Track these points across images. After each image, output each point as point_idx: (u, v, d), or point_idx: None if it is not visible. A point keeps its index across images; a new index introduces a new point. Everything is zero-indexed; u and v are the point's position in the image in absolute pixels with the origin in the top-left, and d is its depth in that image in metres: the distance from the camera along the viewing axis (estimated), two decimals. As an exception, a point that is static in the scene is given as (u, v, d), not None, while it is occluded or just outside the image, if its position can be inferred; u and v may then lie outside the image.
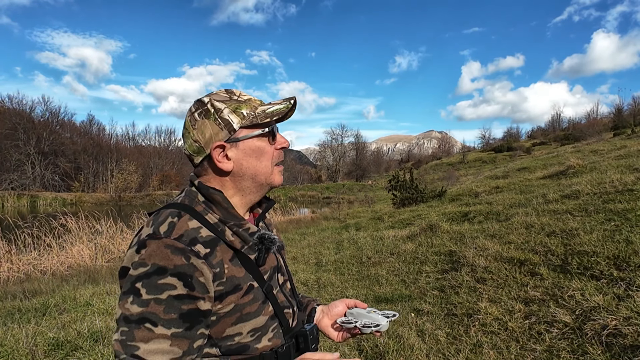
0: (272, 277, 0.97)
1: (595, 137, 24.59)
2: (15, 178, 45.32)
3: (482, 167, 33.89)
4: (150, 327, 0.77)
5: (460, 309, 3.30)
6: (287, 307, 0.98)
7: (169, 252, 0.80)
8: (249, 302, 0.89)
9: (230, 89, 0.98)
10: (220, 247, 0.87)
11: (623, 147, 11.51)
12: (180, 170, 62.81)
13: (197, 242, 0.84)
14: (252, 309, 0.89)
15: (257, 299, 0.90)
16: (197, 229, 0.86)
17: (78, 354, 2.95)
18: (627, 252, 3.20)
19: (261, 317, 0.90)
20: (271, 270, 0.97)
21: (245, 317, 0.89)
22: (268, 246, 0.93)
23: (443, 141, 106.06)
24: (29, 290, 5.64)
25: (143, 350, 0.76)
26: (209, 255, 0.84)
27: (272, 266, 0.97)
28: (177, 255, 0.80)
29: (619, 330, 2.36)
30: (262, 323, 0.91)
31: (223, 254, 0.87)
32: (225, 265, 0.87)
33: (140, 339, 0.76)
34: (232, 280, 0.87)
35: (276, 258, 1.01)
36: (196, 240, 0.84)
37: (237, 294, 0.87)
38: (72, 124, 60.34)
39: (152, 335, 0.77)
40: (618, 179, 5.60)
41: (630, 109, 43.22)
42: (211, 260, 0.84)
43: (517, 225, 4.93)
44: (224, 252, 0.88)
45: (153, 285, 0.78)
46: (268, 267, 0.96)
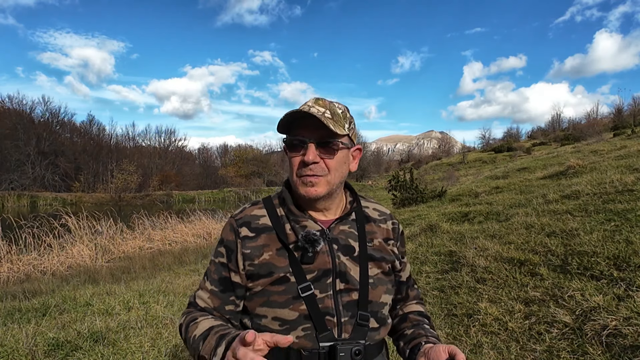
0: (319, 279, 0.96)
1: (595, 138, 24.58)
2: (15, 178, 45.31)
3: (482, 167, 33.88)
4: (205, 279, 1.04)
5: (460, 309, 3.30)
6: (330, 314, 0.95)
7: (228, 228, 1.03)
8: (278, 292, 0.95)
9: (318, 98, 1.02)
10: (269, 236, 0.99)
11: (623, 147, 11.51)
12: (181, 171, 62.85)
13: (246, 226, 1.00)
14: (279, 299, 0.95)
15: (288, 292, 0.94)
16: (258, 216, 1.02)
17: (78, 354, 2.95)
18: (627, 252, 3.20)
19: (288, 311, 0.94)
20: (320, 272, 0.96)
21: (271, 304, 0.96)
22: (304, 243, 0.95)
23: (443, 141, 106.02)
24: (29, 290, 5.64)
25: (196, 294, 1.04)
26: (249, 239, 0.99)
27: (322, 268, 0.96)
28: (229, 232, 1.02)
29: (619, 330, 2.36)
30: (290, 317, 0.94)
31: (270, 242, 0.98)
32: (268, 252, 0.97)
33: (199, 285, 1.06)
34: (267, 266, 0.96)
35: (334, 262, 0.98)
36: (247, 224, 1.01)
37: (267, 279, 0.96)
38: (72, 124, 60.39)
39: (203, 286, 1.04)
40: (618, 179, 5.60)
41: (630, 109, 43.20)
42: (248, 243, 0.98)
43: (517, 225, 4.93)
44: (272, 241, 0.99)
45: (216, 250, 1.05)
46: (316, 268, 0.96)
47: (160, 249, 10.12)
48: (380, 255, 1.05)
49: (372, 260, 1.03)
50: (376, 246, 1.06)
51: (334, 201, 1.05)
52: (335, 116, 0.98)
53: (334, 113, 0.99)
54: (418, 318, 1.13)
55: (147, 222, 12.26)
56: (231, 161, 69.96)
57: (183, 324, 1.00)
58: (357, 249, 1.02)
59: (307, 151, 0.95)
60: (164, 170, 59.90)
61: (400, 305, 1.18)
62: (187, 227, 12.32)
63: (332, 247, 0.99)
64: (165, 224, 12.72)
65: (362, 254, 1.02)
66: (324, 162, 0.97)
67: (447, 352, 0.90)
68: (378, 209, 1.15)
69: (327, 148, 0.97)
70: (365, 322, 0.98)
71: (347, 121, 1.02)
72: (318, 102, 1.00)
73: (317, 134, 0.96)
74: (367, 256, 1.02)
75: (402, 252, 1.15)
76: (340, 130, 0.97)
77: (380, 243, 1.07)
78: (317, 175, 0.97)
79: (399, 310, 1.18)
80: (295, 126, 0.99)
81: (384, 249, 1.08)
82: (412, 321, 1.12)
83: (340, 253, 0.99)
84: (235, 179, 61.29)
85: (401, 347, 1.07)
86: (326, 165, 0.98)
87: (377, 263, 1.04)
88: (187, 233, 11.71)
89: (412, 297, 1.20)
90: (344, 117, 1.01)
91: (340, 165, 1.00)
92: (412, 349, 1.02)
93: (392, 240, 1.11)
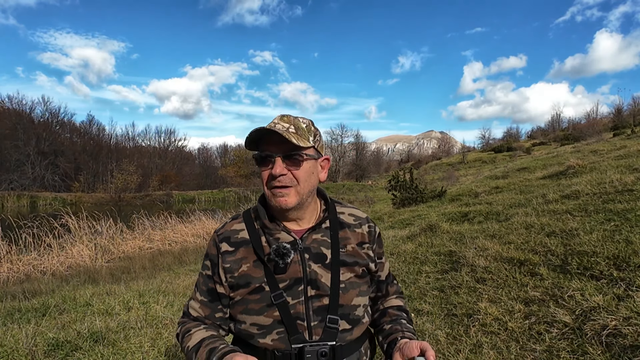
0: (291, 287, 1.04)
1: (595, 137, 24.58)
2: (15, 178, 45.31)
3: (482, 167, 33.88)
4: (195, 290, 1.15)
5: (460, 309, 3.30)
6: (301, 319, 1.03)
7: (212, 243, 1.13)
8: (254, 300, 1.04)
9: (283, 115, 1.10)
10: (247, 249, 1.08)
11: (623, 147, 11.51)
12: (180, 171, 62.85)
13: (226, 241, 1.10)
14: (255, 307, 1.04)
15: (263, 300, 1.04)
16: (237, 230, 1.11)
17: (78, 354, 2.95)
18: (627, 252, 3.20)
19: (264, 317, 1.03)
20: (292, 281, 1.04)
21: (249, 311, 1.05)
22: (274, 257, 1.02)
23: (443, 141, 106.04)
24: (28, 290, 5.64)
25: (189, 304, 1.15)
26: (228, 253, 1.08)
27: (294, 277, 1.04)
28: (212, 247, 1.12)
29: (618, 330, 2.36)
30: (265, 322, 1.03)
31: (247, 255, 1.07)
32: (246, 264, 1.06)
33: (191, 296, 1.16)
34: (245, 277, 1.06)
35: (305, 270, 1.05)
36: (227, 239, 1.10)
37: (245, 289, 1.05)
38: (72, 124, 60.38)
39: (194, 296, 1.14)
40: (618, 179, 5.60)
41: (630, 109, 43.23)
42: (227, 257, 1.08)
43: (517, 225, 4.93)
44: (249, 254, 1.08)
45: (203, 263, 1.15)
46: (288, 277, 1.04)
47: (160, 249, 10.12)
48: (353, 260, 1.11)
49: (344, 266, 1.09)
50: (349, 251, 1.12)
51: (306, 210, 1.11)
52: (299, 130, 1.05)
53: (297, 127, 1.06)
54: (396, 313, 1.21)
55: (147, 222, 12.26)
56: (231, 161, 69.96)
57: (179, 334, 1.11)
58: (329, 256, 1.08)
59: (274, 165, 1.02)
60: (163, 170, 59.90)
61: (381, 301, 1.26)
62: (187, 227, 12.32)
63: (304, 257, 1.06)
64: (165, 224, 12.72)
65: (334, 260, 1.08)
66: (291, 173, 1.04)
67: (419, 348, 0.98)
68: (354, 213, 1.21)
69: (293, 160, 1.04)
70: (334, 325, 1.04)
71: (311, 134, 1.09)
72: (283, 118, 1.08)
73: (282, 148, 1.03)
74: (338, 262, 1.08)
75: (379, 253, 1.22)
76: (305, 143, 1.04)
77: (353, 248, 1.13)
78: (286, 186, 1.04)
79: (379, 305, 1.25)
80: (263, 142, 1.06)
81: (357, 253, 1.13)
82: (391, 316, 1.20)
83: (311, 262, 1.06)
84: (235, 179, 61.27)
85: (380, 342, 1.16)
86: (294, 176, 1.04)
87: (350, 267, 1.10)
88: (187, 233, 11.70)
89: (392, 292, 1.27)
90: (308, 131, 1.08)
91: (308, 175, 1.06)
92: (390, 343, 1.10)
93: (367, 243, 1.17)
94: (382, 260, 1.23)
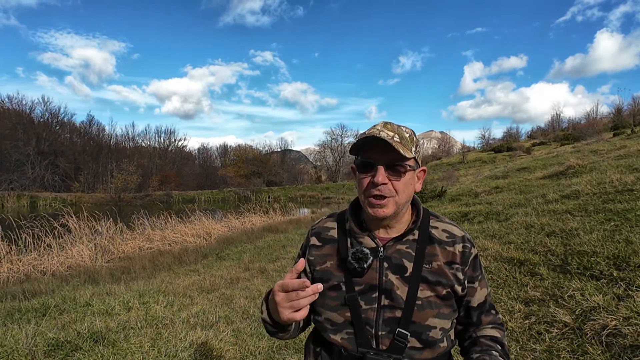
0: (365, 292, 1.04)
1: (595, 137, 24.57)
2: (15, 178, 45.31)
3: (482, 167, 33.87)
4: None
5: (460, 309, 3.30)
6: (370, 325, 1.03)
7: (307, 234, 1.21)
8: (331, 297, 1.07)
9: (387, 122, 1.09)
10: (332, 247, 1.12)
11: (623, 147, 11.51)
12: (180, 171, 62.84)
13: (316, 236, 1.17)
14: (331, 303, 1.07)
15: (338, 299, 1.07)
16: (329, 228, 1.16)
17: (78, 354, 2.95)
18: (627, 252, 3.20)
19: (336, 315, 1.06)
20: (366, 286, 1.05)
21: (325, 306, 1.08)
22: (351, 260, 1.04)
23: (443, 141, 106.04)
24: (28, 290, 5.64)
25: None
26: (315, 247, 1.15)
27: (369, 283, 1.04)
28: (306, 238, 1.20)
29: (618, 330, 2.36)
30: (337, 320, 1.06)
31: (332, 252, 1.11)
32: (330, 261, 1.10)
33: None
34: (326, 273, 1.10)
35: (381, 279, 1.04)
36: (318, 234, 1.17)
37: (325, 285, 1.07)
38: (72, 124, 60.30)
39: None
40: (618, 179, 5.60)
41: (630, 109, 43.20)
42: (313, 251, 1.14)
43: (517, 225, 4.93)
44: (333, 252, 1.11)
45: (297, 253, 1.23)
46: (364, 282, 1.05)
47: (160, 249, 10.11)
48: (436, 278, 1.05)
49: (424, 282, 1.04)
50: (434, 269, 1.06)
51: (399, 220, 1.10)
52: (403, 140, 1.03)
53: (402, 137, 1.04)
54: (489, 343, 1.11)
55: (147, 222, 12.26)
56: (231, 161, 69.95)
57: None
58: (409, 269, 1.05)
59: (376, 173, 1.01)
60: (163, 170, 59.88)
61: (473, 329, 1.16)
62: (187, 227, 12.31)
63: (382, 265, 1.05)
64: (165, 224, 12.72)
65: (414, 274, 1.04)
66: (392, 183, 1.03)
67: None
68: (449, 230, 1.13)
69: (395, 170, 1.03)
70: (402, 339, 1.01)
71: (413, 144, 1.07)
72: (387, 126, 1.05)
73: (386, 157, 1.01)
74: (419, 277, 1.04)
75: (472, 277, 1.12)
76: (408, 153, 1.02)
77: (439, 266, 1.06)
78: (385, 196, 1.02)
79: (471, 333, 1.16)
80: (367, 148, 1.04)
81: (443, 272, 1.06)
82: (482, 345, 1.11)
83: (389, 271, 1.05)
84: (235, 179, 61.27)
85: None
86: (394, 187, 1.03)
87: (431, 286, 1.04)
88: (187, 233, 11.70)
89: (485, 322, 1.16)
90: (411, 141, 1.06)
91: (407, 186, 1.05)
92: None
93: (457, 264, 1.09)
94: (475, 285, 1.12)
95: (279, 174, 69.01)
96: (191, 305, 4.36)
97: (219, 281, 5.75)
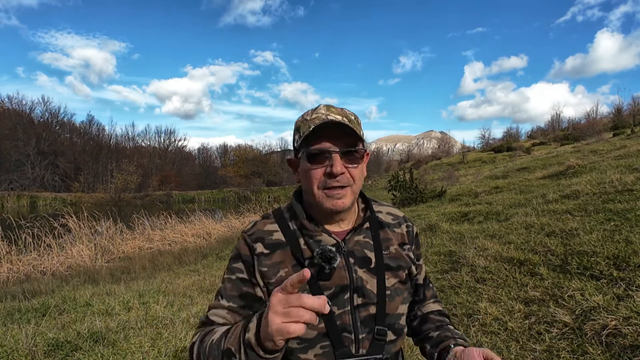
0: (336, 295, 0.93)
1: (594, 137, 24.56)
2: (15, 178, 45.31)
3: (482, 167, 33.86)
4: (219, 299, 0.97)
5: (460, 309, 3.30)
6: (348, 330, 0.93)
7: (242, 243, 0.99)
8: None
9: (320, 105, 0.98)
10: (284, 252, 0.96)
11: (623, 147, 11.51)
12: (180, 171, 62.84)
13: (260, 242, 0.97)
14: None
15: None
16: (270, 232, 0.98)
17: (78, 354, 2.95)
18: (627, 252, 3.21)
19: (308, 330, 0.87)
20: (337, 288, 0.93)
21: None
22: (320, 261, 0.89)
23: (443, 141, 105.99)
24: (28, 290, 5.64)
25: (209, 314, 0.97)
26: (264, 256, 0.95)
27: (339, 284, 0.93)
28: (244, 247, 0.98)
29: (618, 330, 2.36)
30: (308, 336, 0.91)
31: (285, 259, 0.95)
32: (284, 269, 0.94)
33: (211, 306, 0.98)
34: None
35: (352, 277, 0.95)
36: (261, 240, 0.97)
37: None
38: (72, 124, 60.42)
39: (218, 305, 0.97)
40: (618, 179, 5.60)
41: (629, 109, 43.20)
42: (263, 260, 0.95)
43: (516, 225, 4.93)
44: (286, 257, 0.95)
45: (230, 268, 0.99)
46: (333, 284, 0.93)
47: (160, 249, 10.11)
48: (396, 263, 1.02)
49: (388, 270, 1.00)
50: (392, 254, 1.03)
51: (351, 210, 1.01)
52: (352, 123, 0.94)
53: (350, 120, 0.94)
54: (439, 318, 1.11)
55: (147, 223, 12.26)
56: (231, 161, 69.97)
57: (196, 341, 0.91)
58: (373, 259, 0.99)
59: (334, 162, 0.90)
60: (163, 170, 59.90)
61: (418, 306, 1.15)
62: (187, 227, 12.32)
63: (349, 261, 0.96)
64: (165, 224, 12.72)
65: (379, 264, 0.99)
66: (348, 171, 0.93)
67: (482, 356, 0.88)
68: (391, 212, 1.11)
69: (351, 157, 0.93)
70: (382, 337, 0.96)
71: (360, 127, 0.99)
72: (331, 109, 0.95)
73: (340, 143, 0.91)
74: (383, 266, 0.99)
75: (418, 255, 1.12)
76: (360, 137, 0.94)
77: (396, 250, 1.04)
78: (343, 186, 0.93)
79: (417, 311, 1.15)
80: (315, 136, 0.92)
81: (400, 255, 1.04)
82: (435, 322, 1.10)
83: (357, 267, 0.97)
84: (235, 179, 61.29)
85: (428, 350, 1.05)
86: (351, 175, 0.93)
87: (394, 272, 1.01)
88: (187, 233, 11.70)
89: (429, 297, 1.17)
90: (358, 123, 0.98)
91: (361, 173, 0.97)
92: (441, 352, 1.00)
93: (407, 245, 1.08)
94: (420, 262, 1.13)
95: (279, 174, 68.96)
96: (191, 305, 4.36)
97: (219, 281, 5.75)
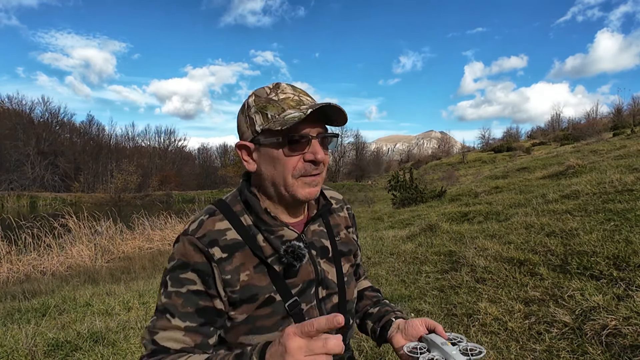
0: (304, 292, 0.88)
1: (594, 137, 24.57)
2: (14, 178, 45.32)
3: (482, 167, 33.88)
4: (169, 318, 0.81)
5: (460, 309, 3.30)
6: None
7: (191, 249, 0.82)
8: (265, 315, 0.84)
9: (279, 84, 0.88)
10: (243, 253, 0.84)
11: (622, 147, 11.51)
12: (180, 171, 62.86)
13: (216, 245, 0.83)
14: (267, 323, 0.84)
15: (276, 313, 0.84)
16: (223, 231, 0.85)
17: (78, 354, 2.95)
18: (627, 252, 3.21)
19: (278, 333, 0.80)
20: (305, 284, 0.88)
21: (257, 330, 0.84)
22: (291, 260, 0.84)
23: (443, 141, 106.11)
24: (28, 290, 5.64)
25: (158, 338, 0.80)
26: (224, 261, 0.82)
27: (307, 279, 0.88)
28: (197, 254, 0.82)
29: (618, 330, 2.36)
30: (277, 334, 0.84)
31: (245, 260, 0.84)
32: (245, 272, 0.83)
33: (159, 327, 0.81)
34: (248, 289, 0.83)
35: (317, 270, 0.90)
36: (216, 243, 0.83)
37: (252, 305, 0.83)
38: (72, 124, 60.43)
39: (168, 326, 0.80)
40: (618, 179, 5.60)
41: (629, 109, 43.25)
42: (224, 266, 0.82)
43: (516, 225, 4.93)
44: (246, 258, 0.84)
45: (176, 279, 0.82)
46: (300, 281, 0.87)
47: (160, 249, 10.12)
48: (347, 248, 1.00)
49: (342, 256, 0.98)
50: (343, 239, 1.00)
51: None
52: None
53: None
54: (373, 294, 1.12)
55: (147, 223, 12.26)
56: (231, 161, 69.94)
57: None
58: (330, 248, 0.95)
59: (314, 148, 0.83)
60: (163, 170, 59.92)
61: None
62: (187, 227, 12.30)
63: (312, 253, 0.91)
64: (165, 224, 12.72)
65: (335, 252, 0.96)
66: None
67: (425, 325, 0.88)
68: (334, 196, 1.07)
69: (325, 143, 0.87)
70: (348, 325, 0.95)
71: None
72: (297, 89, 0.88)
73: (317, 128, 0.85)
74: (338, 253, 0.97)
75: (358, 236, 1.11)
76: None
77: (345, 235, 1.02)
78: (319, 173, 0.86)
79: None
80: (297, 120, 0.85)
81: (349, 239, 1.02)
82: (371, 298, 1.11)
83: (319, 258, 0.92)
84: (235, 179, 61.20)
85: (371, 327, 1.03)
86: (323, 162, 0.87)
87: (347, 258, 1.00)
88: (187, 233, 11.69)
89: (361, 275, 1.17)
90: None
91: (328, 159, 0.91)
92: (384, 326, 0.99)
93: (350, 227, 1.06)
94: (359, 242, 1.11)
95: (278, 174, 68.66)
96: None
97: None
